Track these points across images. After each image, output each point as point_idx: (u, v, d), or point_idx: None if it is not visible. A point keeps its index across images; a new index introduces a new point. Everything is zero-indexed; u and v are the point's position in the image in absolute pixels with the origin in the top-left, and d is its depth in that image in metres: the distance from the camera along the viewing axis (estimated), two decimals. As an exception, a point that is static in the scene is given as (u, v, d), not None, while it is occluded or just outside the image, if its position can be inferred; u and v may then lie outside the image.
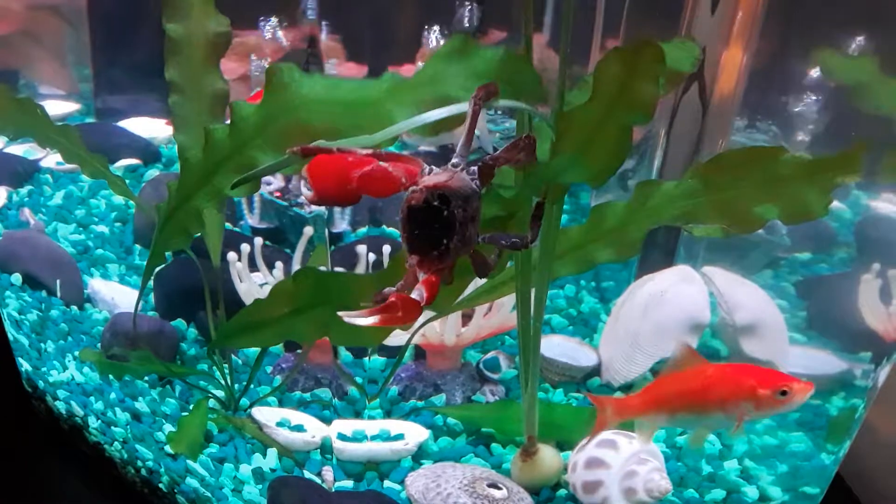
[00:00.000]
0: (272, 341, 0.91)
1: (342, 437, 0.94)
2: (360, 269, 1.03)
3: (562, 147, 0.66)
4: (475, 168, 0.61)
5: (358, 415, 1.00)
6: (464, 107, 0.63)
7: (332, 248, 1.23)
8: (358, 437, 0.94)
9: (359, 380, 1.05)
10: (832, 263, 1.10)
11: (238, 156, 0.78)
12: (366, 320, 0.54)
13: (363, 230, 1.34)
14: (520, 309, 0.81)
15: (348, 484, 0.91)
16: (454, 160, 0.61)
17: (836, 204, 1.04)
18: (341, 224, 1.34)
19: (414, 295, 0.56)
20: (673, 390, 0.82)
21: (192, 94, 0.93)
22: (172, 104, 0.93)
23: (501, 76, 0.67)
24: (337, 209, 1.33)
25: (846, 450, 0.88)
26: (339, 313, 0.55)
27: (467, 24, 1.46)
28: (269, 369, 1.07)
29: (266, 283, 1.05)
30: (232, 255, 1.02)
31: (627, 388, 1.04)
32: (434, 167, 0.60)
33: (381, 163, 0.58)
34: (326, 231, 1.02)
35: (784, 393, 0.78)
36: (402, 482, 0.90)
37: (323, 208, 1.20)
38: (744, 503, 0.91)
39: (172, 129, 0.94)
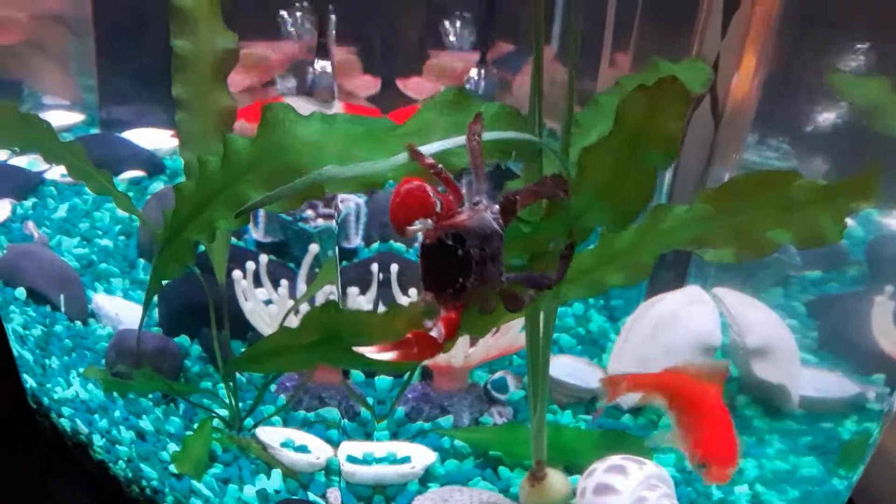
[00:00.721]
0: (297, 368, 0.91)
1: (350, 459, 0.93)
2: (373, 287, 1.03)
3: (582, 187, 0.65)
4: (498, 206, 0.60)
5: (368, 436, 0.99)
6: (463, 139, 0.62)
7: (345, 263, 1.22)
8: (366, 460, 0.93)
9: (370, 400, 1.04)
10: (843, 282, 1.09)
11: (229, 190, 0.77)
12: (382, 356, 0.54)
13: (376, 245, 1.33)
14: (529, 333, 0.80)
15: (356, 508, 0.90)
16: (475, 199, 0.60)
17: (848, 222, 1.04)
18: (355, 240, 1.33)
19: (433, 333, 0.55)
20: (671, 386, 0.85)
21: (198, 111, 0.92)
22: (179, 121, 0.92)
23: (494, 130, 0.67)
24: (351, 224, 1.32)
25: (859, 474, 0.87)
26: (356, 349, 0.54)
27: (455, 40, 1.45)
28: (274, 388, 1.06)
29: (270, 301, 1.04)
30: (237, 274, 1.01)
31: (637, 410, 1.03)
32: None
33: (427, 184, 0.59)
34: (337, 247, 1.01)
35: (702, 466, 0.80)
36: (408, 506, 0.89)
37: (333, 223, 1.19)
38: (754, 529, 0.91)
39: (179, 145, 0.93)
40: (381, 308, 1.02)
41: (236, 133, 1.25)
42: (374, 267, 1.03)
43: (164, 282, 0.92)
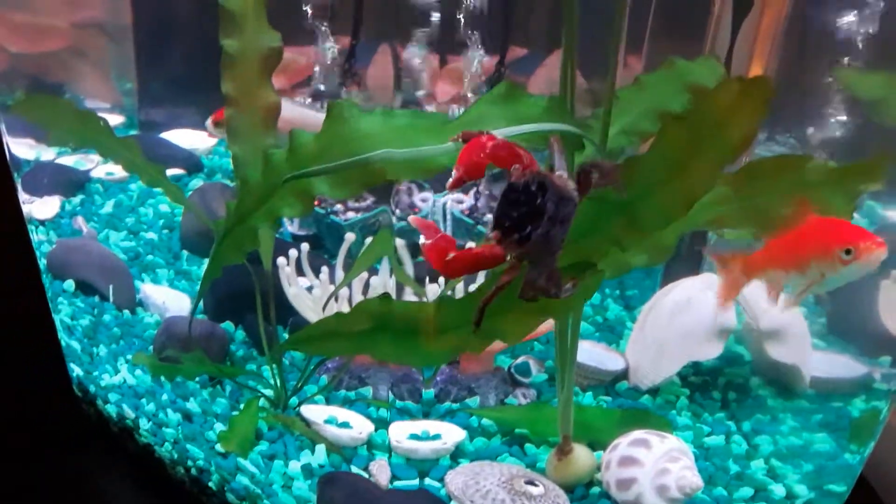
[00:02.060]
0: (344, 352, 0.96)
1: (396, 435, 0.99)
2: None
3: (643, 173, 0.68)
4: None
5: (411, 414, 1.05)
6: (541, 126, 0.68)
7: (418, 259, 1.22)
8: (412, 436, 0.99)
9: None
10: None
11: (294, 181, 0.82)
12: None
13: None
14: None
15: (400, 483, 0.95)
16: (557, 171, 0.63)
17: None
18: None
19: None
20: (783, 245, 0.85)
21: (245, 106, 0.98)
22: (228, 117, 0.98)
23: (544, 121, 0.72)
24: (439, 223, 1.37)
25: (871, 449, 0.91)
26: None
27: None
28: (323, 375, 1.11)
29: (312, 287, 1.09)
30: (281, 260, 1.07)
31: (655, 391, 1.09)
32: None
33: None
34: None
35: (848, 252, 0.80)
36: (441, 480, 0.94)
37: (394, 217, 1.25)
38: (772, 500, 0.95)
39: (228, 139, 0.99)
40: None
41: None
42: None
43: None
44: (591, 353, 1.11)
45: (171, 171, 1.54)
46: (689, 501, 0.92)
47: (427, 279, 1.10)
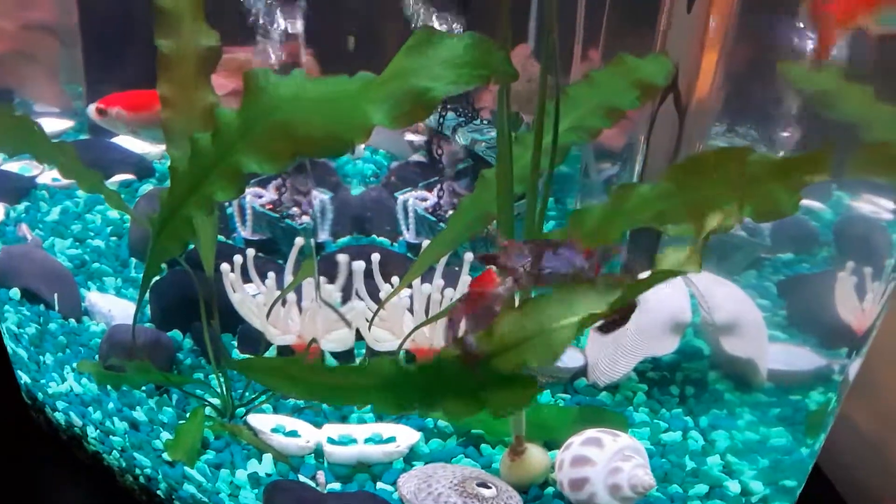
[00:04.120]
0: (289, 392, 0.94)
1: (334, 441, 0.96)
2: (341, 277, 1.06)
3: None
4: None
5: (344, 419, 1.03)
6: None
7: (318, 257, 1.25)
8: (351, 441, 0.96)
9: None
10: (814, 263, 1.13)
11: (223, 162, 0.79)
12: None
13: (344, 239, 1.37)
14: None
15: (337, 486, 0.93)
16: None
17: (818, 205, 1.08)
18: (322, 234, 1.37)
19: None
20: None
21: (183, 108, 0.95)
22: (165, 119, 0.96)
23: (470, 60, 0.70)
24: (318, 220, 1.36)
25: (821, 443, 0.90)
26: None
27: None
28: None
29: (259, 294, 1.07)
30: (225, 266, 1.04)
31: (613, 388, 1.07)
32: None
33: None
34: (312, 241, 1.05)
35: None
36: (394, 483, 0.93)
37: (309, 219, 1.23)
38: (726, 497, 0.94)
39: (165, 143, 0.97)
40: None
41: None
42: (343, 257, 1.07)
43: (156, 278, 0.94)
44: (548, 351, 1.09)
45: (121, 176, 1.51)
46: (642, 500, 0.90)
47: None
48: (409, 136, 1.57)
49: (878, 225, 0.94)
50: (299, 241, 1.09)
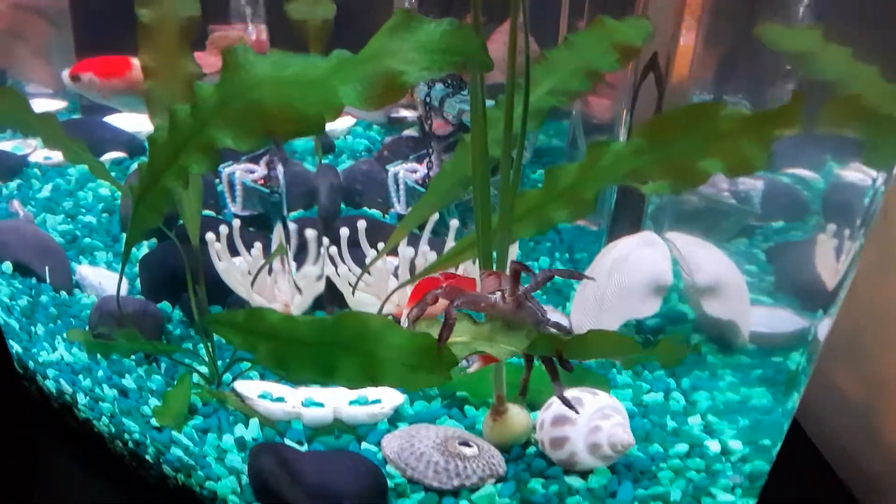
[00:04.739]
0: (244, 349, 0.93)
1: (308, 403, 0.98)
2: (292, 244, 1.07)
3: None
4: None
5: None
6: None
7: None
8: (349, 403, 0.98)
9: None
10: (805, 231, 1.13)
11: (200, 135, 0.80)
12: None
13: (296, 213, 1.38)
14: (482, 268, 0.84)
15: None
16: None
17: (811, 175, 1.09)
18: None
19: None
20: None
21: (165, 78, 0.96)
22: (148, 89, 0.97)
23: (446, 47, 0.70)
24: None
25: (796, 402, 0.91)
26: None
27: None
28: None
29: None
30: (210, 236, 1.06)
31: (597, 351, 1.08)
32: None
33: None
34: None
35: None
36: (378, 444, 0.94)
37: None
38: (706, 456, 0.95)
39: (148, 112, 0.97)
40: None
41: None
42: (293, 226, 1.08)
43: (145, 252, 0.94)
44: (533, 315, 1.10)
45: (113, 155, 1.52)
46: (623, 459, 0.91)
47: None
48: (403, 112, 1.58)
49: (859, 189, 0.94)
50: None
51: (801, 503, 1.01)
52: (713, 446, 0.95)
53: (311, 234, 1.06)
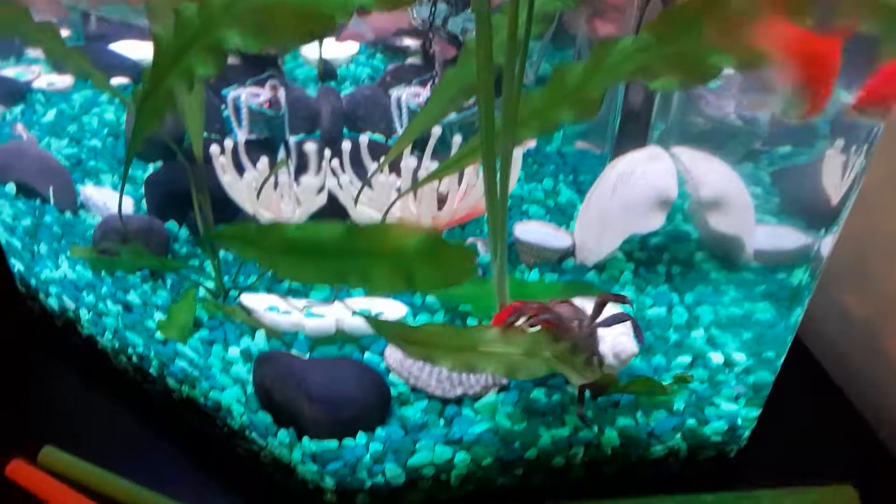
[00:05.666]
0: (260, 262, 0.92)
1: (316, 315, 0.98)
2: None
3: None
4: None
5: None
6: None
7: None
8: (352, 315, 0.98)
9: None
10: (812, 155, 1.12)
11: (207, 35, 0.79)
12: None
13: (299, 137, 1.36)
14: (486, 172, 0.84)
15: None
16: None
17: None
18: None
19: None
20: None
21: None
22: (147, -1, 0.95)
23: None
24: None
25: (799, 317, 0.90)
26: None
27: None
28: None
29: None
30: (214, 149, 1.05)
31: (600, 268, 1.08)
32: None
33: None
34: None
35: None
36: (381, 354, 0.94)
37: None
38: (710, 367, 0.95)
39: (148, 21, 0.96)
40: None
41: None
42: (310, 146, 1.07)
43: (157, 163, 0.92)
44: (537, 231, 1.10)
45: (116, 80, 1.50)
46: (626, 369, 0.92)
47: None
48: (407, 41, 1.56)
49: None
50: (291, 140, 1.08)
51: (804, 416, 1.01)
52: (716, 358, 0.96)
53: (311, 147, 1.05)
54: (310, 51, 1.54)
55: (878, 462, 0.97)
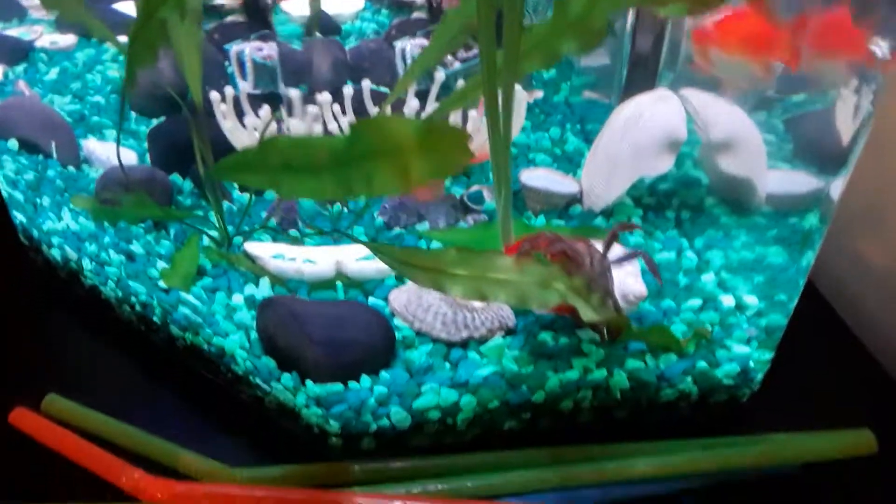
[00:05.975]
0: (260, 185, 0.91)
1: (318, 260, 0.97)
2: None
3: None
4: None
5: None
6: None
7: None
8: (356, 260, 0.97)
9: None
10: (826, 104, 1.10)
11: None
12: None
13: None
14: (488, 109, 0.82)
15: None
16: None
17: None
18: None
19: None
20: None
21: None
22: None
23: None
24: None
25: (811, 260, 0.89)
26: None
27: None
28: (264, 214, 1.09)
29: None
30: (214, 95, 1.03)
31: (608, 213, 1.06)
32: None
33: None
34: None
35: None
36: (385, 299, 0.93)
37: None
38: (720, 310, 0.93)
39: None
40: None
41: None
42: (294, 92, 1.07)
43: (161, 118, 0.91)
44: (544, 178, 1.08)
45: (120, 38, 1.49)
46: (635, 313, 0.90)
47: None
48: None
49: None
50: (294, 93, 1.07)
51: (818, 360, 1.00)
52: (727, 301, 0.94)
53: (295, 93, 1.03)
54: (294, 7, 1.50)
55: (894, 405, 0.95)
